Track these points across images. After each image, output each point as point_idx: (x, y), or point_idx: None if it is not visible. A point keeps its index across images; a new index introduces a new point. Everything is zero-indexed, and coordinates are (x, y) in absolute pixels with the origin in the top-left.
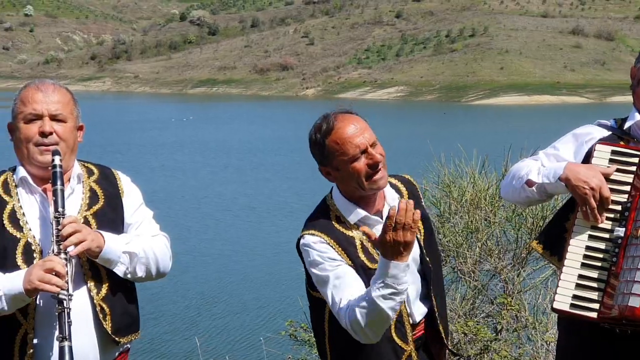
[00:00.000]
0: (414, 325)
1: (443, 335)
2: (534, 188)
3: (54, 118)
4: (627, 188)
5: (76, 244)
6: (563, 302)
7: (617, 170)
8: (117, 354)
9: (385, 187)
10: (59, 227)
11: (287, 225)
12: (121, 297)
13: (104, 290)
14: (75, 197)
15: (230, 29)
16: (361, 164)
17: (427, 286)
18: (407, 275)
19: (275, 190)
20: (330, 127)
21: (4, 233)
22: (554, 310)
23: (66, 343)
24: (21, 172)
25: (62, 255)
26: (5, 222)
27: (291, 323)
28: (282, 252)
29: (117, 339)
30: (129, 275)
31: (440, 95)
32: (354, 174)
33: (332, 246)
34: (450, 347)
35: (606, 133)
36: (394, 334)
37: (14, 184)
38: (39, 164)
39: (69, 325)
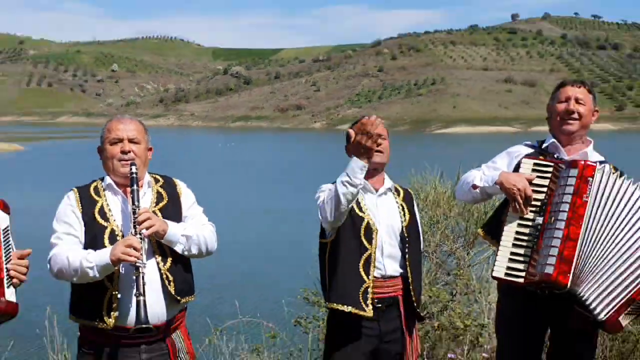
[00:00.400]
0: (385, 278)
1: (413, 294)
2: (477, 190)
3: (131, 141)
4: (545, 189)
5: (148, 228)
6: (499, 271)
7: (537, 176)
8: (178, 311)
9: (380, 168)
10: (135, 216)
11: (304, 224)
12: (180, 268)
13: (168, 263)
14: (147, 198)
15: (259, 80)
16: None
17: (402, 255)
18: (362, 174)
19: (291, 195)
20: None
21: (94, 223)
22: (493, 277)
23: (141, 298)
24: (108, 180)
25: (138, 236)
26: (96, 215)
27: (305, 290)
28: (295, 244)
29: (178, 298)
30: (185, 253)
31: (411, 127)
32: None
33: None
34: (416, 307)
35: (530, 151)
36: (361, 269)
37: (102, 189)
38: (121, 174)
39: (144, 285)
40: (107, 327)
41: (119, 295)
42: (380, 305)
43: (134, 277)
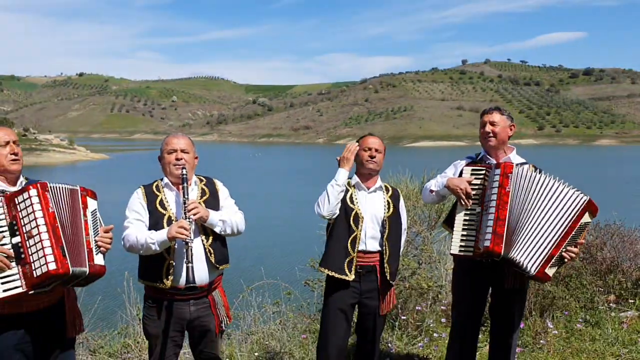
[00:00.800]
0: (366, 252)
1: (387, 267)
2: (434, 194)
3: (182, 151)
4: (480, 186)
5: (195, 214)
6: (455, 249)
7: (475, 178)
8: (216, 275)
9: (374, 173)
10: (185, 205)
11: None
12: (219, 244)
13: (210, 240)
14: (194, 193)
15: (279, 107)
16: (366, 155)
17: (381, 237)
18: (345, 178)
19: (301, 190)
20: (361, 138)
21: (156, 211)
22: (451, 254)
23: (190, 265)
24: (165, 180)
25: (187, 220)
26: (157, 206)
27: (312, 259)
28: (305, 226)
29: (217, 266)
30: (222, 232)
31: (389, 142)
32: (361, 159)
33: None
34: (387, 277)
35: (469, 161)
36: (348, 244)
37: (162, 186)
38: (175, 175)
39: (192, 256)
40: (165, 287)
41: (173, 264)
42: (361, 270)
43: (185, 250)
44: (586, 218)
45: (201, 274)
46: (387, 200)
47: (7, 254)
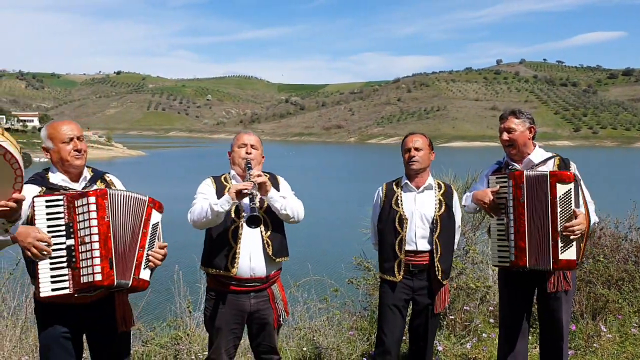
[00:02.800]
0: (416, 252)
1: (438, 266)
2: (466, 207)
3: (252, 146)
4: (506, 194)
5: (258, 177)
6: (494, 261)
7: (501, 186)
8: (275, 269)
9: (420, 172)
10: (249, 172)
11: (348, 208)
12: (278, 236)
13: (268, 232)
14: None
15: (311, 106)
16: (406, 157)
17: (431, 236)
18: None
19: (334, 187)
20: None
21: (222, 187)
22: (494, 265)
23: (256, 206)
24: (232, 172)
25: (250, 181)
26: (225, 194)
27: (355, 258)
28: (344, 223)
29: (274, 258)
30: (282, 211)
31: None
32: (404, 161)
33: (382, 189)
34: (438, 276)
35: (495, 167)
36: (396, 246)
37: (230, 178)
38: (241, 167)
39: (255, 206)
40: (230, 275)
41: (240, 252)
42: (413, 269)
43: (250, 199)
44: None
45: (259, 266)
46: (439, 199)
47: (47, 242)
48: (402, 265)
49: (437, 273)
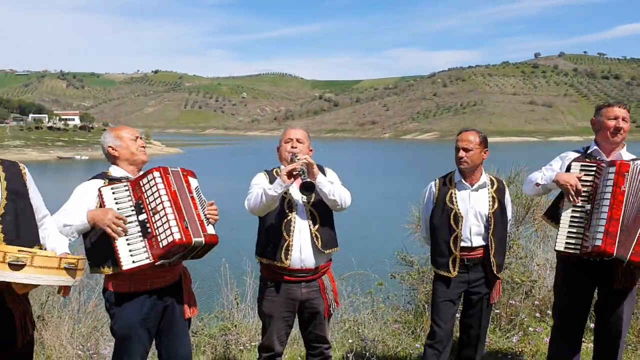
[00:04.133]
0: (471, 248)
1: (493, 260)
2: (540, 187)
3: (298, 140)
4: (590, 183)
5: (305, 159)
6: (560, 246)
7: (585, 174)
8: (325, 260)
9: (469, 169)
10: (296, 156)
11: (388, 203)
12: (327, 228)
13: (317, 225)
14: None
15: (345, 103)
16: (457, 156)
17: (486, 232)
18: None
19: (370, 183)
20: (457, 135)
21: (275, 180)
22: (556, 250)
23: (305, 176)
24: (282, 167)
25: (297, 164)
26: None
27: (399, 252)
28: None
29: (324, 250)
30: (330, 196)
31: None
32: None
33: (435, 184)
34: (494, 270)
35: (577, 155)
36: (451, 243)
37: (280, 171)
38: (287, 161)
39: (306, 179)
40: (284, 266)
41: (293, 245)
42: (468, 263)
43: (301, 178)
44: None
45: (309, 258)
46: (492, 195)
47: (123, 220)
48: (457, 261)
49: (492, 267)
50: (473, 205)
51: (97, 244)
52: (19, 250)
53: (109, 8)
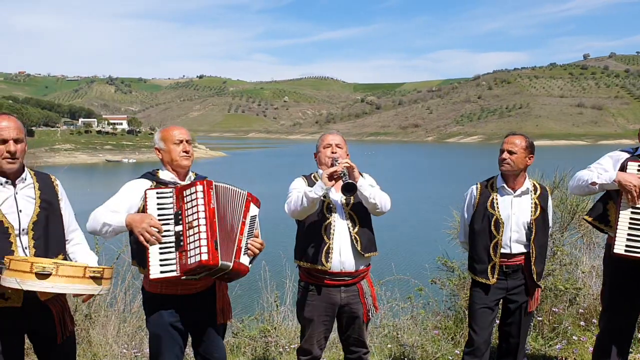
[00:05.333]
0: (511, 255)
1: (533, 268)
2: (596, 186)
3: (337, 145)
4: None
5: (346, 163)
6: (620, 249)
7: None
8: (364, 264)
9: (513, 174)
10: (336, 159)
11: (431, 209)
12: (366, 231)
13: (357, 228)
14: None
15: (387, 105)
16: (500, 157)
17: (527, 240)
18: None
19: (414, 187)
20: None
21: (313, 184)
22: (615, 254)
23: (346, 177)
24: (320, 171)
25: (339, 166)
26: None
27: (439, 258)
28: (428, 223)
29: (362, 253)
30: (370, 199)
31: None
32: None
33: (476, 188)
34: (534, 278)
35: (627, 155)
36: (490, 250)
37: (318, 177)
38: (327, 164)
39: (347, 180)
40: (325, 269)
41: (333, 247)
42: (507, 270)
43: (342, 180)
44: None
45: (349, 261)
46: (535, 202)
47: (158, 229)
48: (497, 268)
49: (532, 275)
50: (515, 212)
51: (138, 242)
52: (45, 262)
53: (157, 15)
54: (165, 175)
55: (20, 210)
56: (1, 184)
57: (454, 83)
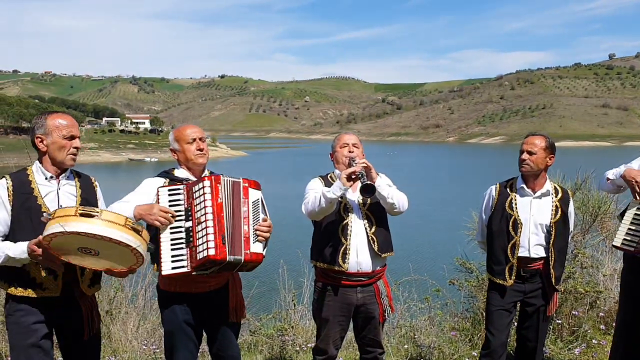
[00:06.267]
0: (529, 259)
1: (552, 272)
2: (609, 182)
3: (354, 145)
4: None
5: (364, 164)
6: (617, 242)
7: None
8: (381, 265)
9: (533, 175)
10: (354, 160)
11: (451, 209)
12: (383, 231)
13: (373, 228)
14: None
15: (408, 106)
16: (519, 157)
17: (547, 243)
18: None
19: (435, 187)
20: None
21: (330, 185)
22: (613, 246)
23: (364, 179)
24: (337, 171)
25: (357, 167)
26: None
27: (457, 258)
28: (445, 224)
29: (379, 254)
30: (388, 199)
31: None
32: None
33: (495, 189)
34: (552, 282)
35: None
36: (508, 251)
37: (335, 177)
38: (345, 163)
39: (365, 181)
40: (342, 270)
41: (350, 248)
42: (524, 274)
43: (360, 181)
44: None
45: (366, 261)
46: (556, 205)
47: (172, 214)
48: (514, 269)
49: (550, 279)
50: (534, 214)
51: (152, 241)
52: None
53: (179, 15)
54: (180, 173)
55: (61, 205)
56: (46, 179)
57: (475, 83)
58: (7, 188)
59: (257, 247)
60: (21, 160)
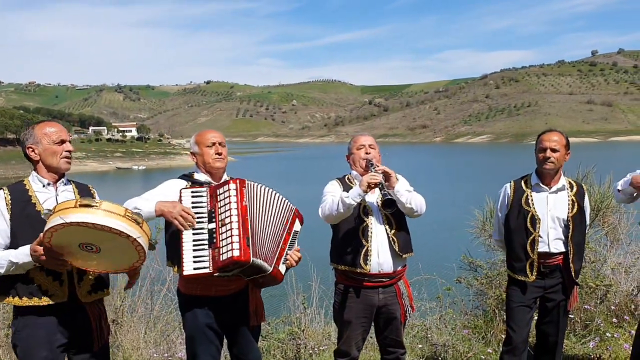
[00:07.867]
0: (549, 254)
1: (572, 266)
2: (621, 193)
3: (370, 146)
4: None
5: (383, 169)
6: None
7: None
8: (401, 265)
9: (553, 170)
10: (373, 166)
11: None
12: (403, 232)
13: (393, 230)
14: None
15: (395, 107)
16: (540, 156)
17: (565, 238)
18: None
19: (434, 188)
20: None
21: (348, 187)
22: None
23: (385, 190)
24: (354, 172)
25: (376, 173)
26: (356, 176)
27: (464, 256)
28: (448, 224)
29: (400, 254)
30: (407, 204)
31: (511, 140)
32: (537, 160)
33: (510, 186)
34: (572, 276)
35: None
36: (528, 246)
37: (352, 178)
38: (363, 167)
39: (386, 192)
40: (364, 271)
41: (371, 250)
42: (544, 270)
43: (380, 189)
44: None
45: (387, 262)
46: (572, 199)
47: (192, 215)
48: (535, 265)
49: (571, 273)
50: (551, 209)
51: (172, 241)
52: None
53: (163, 22)
54: (200, 176)
55: None
56: (44, 186)
57: (461, 83)
58: (5, 198)
59: (282, 268)
60: (7, 172)
